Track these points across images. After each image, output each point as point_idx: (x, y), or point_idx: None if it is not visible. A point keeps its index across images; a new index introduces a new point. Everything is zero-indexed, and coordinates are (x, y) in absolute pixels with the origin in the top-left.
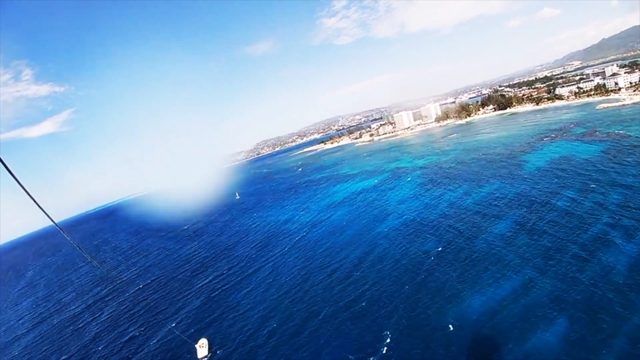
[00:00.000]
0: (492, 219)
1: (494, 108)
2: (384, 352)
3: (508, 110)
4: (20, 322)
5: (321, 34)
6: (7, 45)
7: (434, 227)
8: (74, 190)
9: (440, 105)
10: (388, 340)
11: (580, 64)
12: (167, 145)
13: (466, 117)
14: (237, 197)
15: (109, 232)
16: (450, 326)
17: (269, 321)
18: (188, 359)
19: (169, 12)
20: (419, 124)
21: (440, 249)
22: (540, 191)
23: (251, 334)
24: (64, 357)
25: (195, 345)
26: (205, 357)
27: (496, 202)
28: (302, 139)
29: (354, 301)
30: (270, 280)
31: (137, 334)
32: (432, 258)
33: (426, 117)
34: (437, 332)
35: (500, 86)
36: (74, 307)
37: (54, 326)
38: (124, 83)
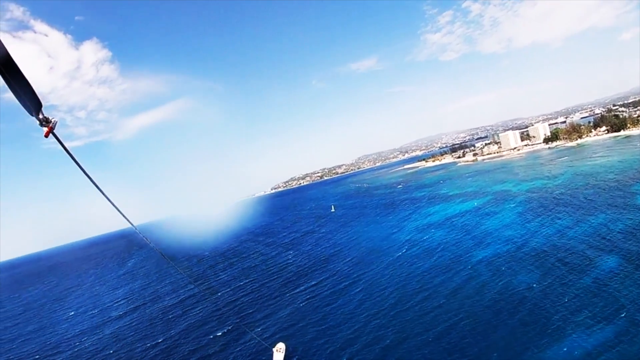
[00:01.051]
0: (595, 259)
1: (607, 130)
2: None
3: (622, 132)
4: (115, 305)
5: (426, 50)
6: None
7: (539, 259)
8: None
9: (550, 124)
10: None
11: None
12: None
13: (577, 139)
14: (333, 210)
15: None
16: None
17: (352, 342)
18: None
19: (275, 27)
20: (526, 145)
21: (544, 283)
22: None
23: (332, 351)
24: (149, 344)
25: (273, 349)
26: None
27: (610, 236)
28: (403, 155)
29: (443, 333)
30: (360, 298)
31: (220, 332)
32: (534, 293)
33: (534, 137)
34: None
35: (614, 105)
36: (168, 299)
37: (146, 314)
38: (221, 88)
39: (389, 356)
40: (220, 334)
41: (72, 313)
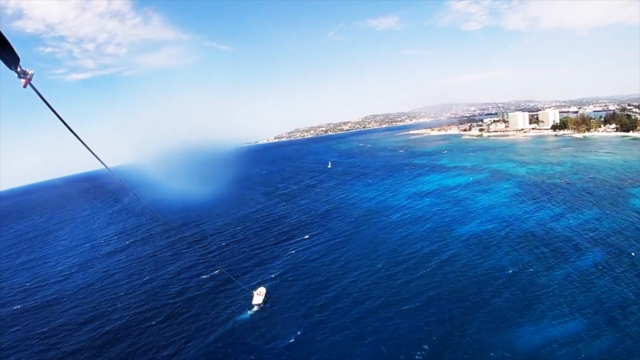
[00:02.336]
0: (582, 251)
1: (616, 128)
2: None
3: (631, 133)
4: (107, 241)
5: (448, 17)
6: None
7: (516, 244)
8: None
9: (560, 112)
10: (424, 350)
11: None
12: (278, 103)
13: (584, 132)
14: (330, 167)
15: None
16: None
17: (327, 295)
18: (243, 304)
19: None
20: (533, 128)
21: (515, 270)
22: None
23: (307, 299)
24: (138, 281)
25: (254, 292)
26: (259, 304)
27: (591, 234)
28: (410, 120)
29: (411, 298)
30: (347, 258)
31: (207, 275)
32: (504, 279)
33: (543, 122)
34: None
35: (629, 105)
36: (159, 239)
37: (135, 253)
38: (247, 40)
39: (359, 310)
40: (206, 276)
41: (65, 245)
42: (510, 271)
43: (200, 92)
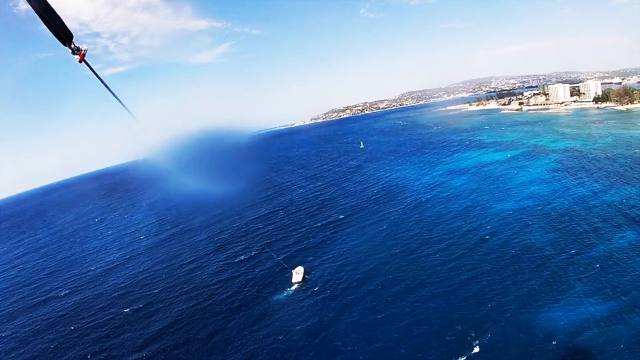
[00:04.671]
0: (624, 229)
1: None
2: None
3: None
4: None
5: None
6: None
7: (557, 222)
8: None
9: (602, 84)
10: (463, 331)
11: None
12: (312, 84)
13: (627, 104)
14: (362, 146)
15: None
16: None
17: (368, 279)
18: (282, 281)
19: None
20: (574, 101)
21: (555, 249)
22: None
23: (348, 281)
24: (177, 262)
25: (292, 271)
26: (298, 282)
27: (636, 211)
28: (448, 96)
29: (449, 278)
30: (383, 237)
31: (244, 256)
32: (543, 258)
33: (584, 94)
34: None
35: None
36: (199, 219)
37: (175, 236)
38: (279, 22)
39: (401, 298)
40: (244, 256)
41: (110, 232)
42: (550, 250)
43: (234, 79)
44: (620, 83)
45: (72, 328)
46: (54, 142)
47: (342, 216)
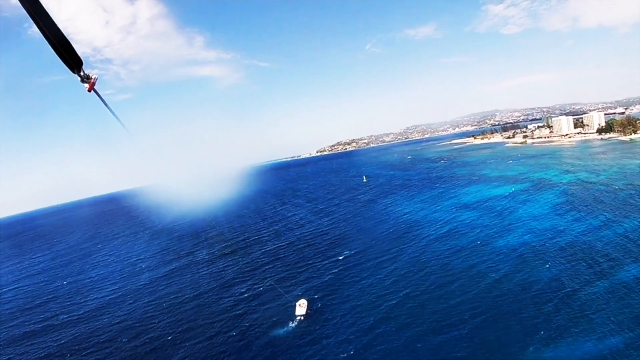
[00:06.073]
0: (625, 263)
1: None
2: None
3: None
4: (151, 258)
5: (486, 22)
6: (181, 13)
7: (570, 256)
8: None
9: (606, 114)
10: None
11: None
12: (319, 116)
13: (631, 134)
14: (365, 180)
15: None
16: None
17: (375, 320)
18: (285, 314)
19: None
20: (578, 132)
21: (571, 285)
22: None
23: (355, 319)
24: (193, 294)
25: (295, 303)
26: (302, 315)
27: (632, 246)
28: (453, 130)
29: (465, 321)
30: (383, 274)
31: (248, 288)
32: (561, 296)
33: (587, 125)
34: None
35: None
36: (216, 248)
37: (187, 266)
38: (287, 55)
39: (416, 344)
40: (249, 286)
41: (111, 259)
42: (567, 288)
43: (240, 110)
44: (623, 113)
45: None
46: (60, 164)
47: (346, 251)
